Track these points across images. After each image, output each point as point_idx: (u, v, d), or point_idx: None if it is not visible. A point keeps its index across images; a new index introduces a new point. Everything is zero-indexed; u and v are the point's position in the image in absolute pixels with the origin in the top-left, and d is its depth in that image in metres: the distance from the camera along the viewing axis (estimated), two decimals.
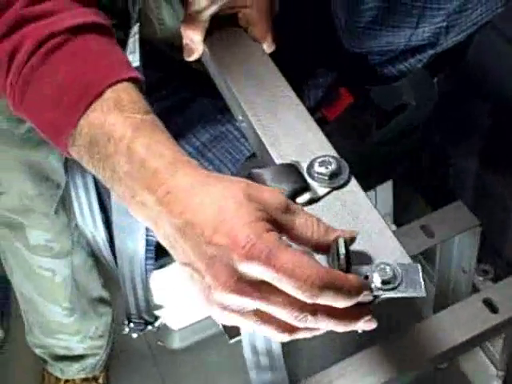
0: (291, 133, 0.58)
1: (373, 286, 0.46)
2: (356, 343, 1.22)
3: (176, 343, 1.23)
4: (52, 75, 0.50)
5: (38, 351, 1.23)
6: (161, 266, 0.98)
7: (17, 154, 0.92)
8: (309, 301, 0.43)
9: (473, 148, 1.10)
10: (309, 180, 0.53)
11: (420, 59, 0.77)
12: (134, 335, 1.03)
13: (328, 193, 0.53)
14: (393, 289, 0.46)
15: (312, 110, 0.82)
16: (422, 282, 0.46)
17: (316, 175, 0.53)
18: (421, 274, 0.46)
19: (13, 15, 0.51)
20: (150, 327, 1.03)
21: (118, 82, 0.50)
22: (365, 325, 0.47)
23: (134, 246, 0.89)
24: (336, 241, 0.46)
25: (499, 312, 0.96)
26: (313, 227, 0.46)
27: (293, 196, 0.52)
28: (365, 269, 0.47)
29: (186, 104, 0.86)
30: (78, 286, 1.13)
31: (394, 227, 1.27)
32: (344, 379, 0.96)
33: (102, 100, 0.49)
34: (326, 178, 0.53)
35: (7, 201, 0.96)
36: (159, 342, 1.22)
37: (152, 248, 0.91)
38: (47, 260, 1.04)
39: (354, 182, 0.54)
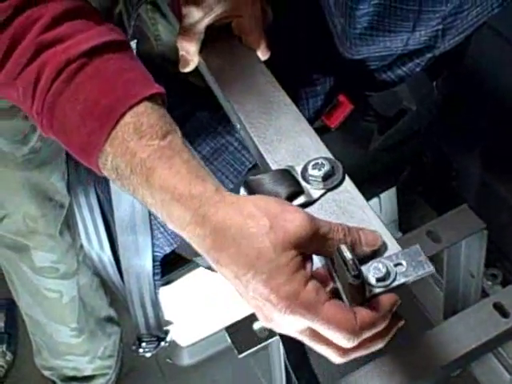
0: (286, 138, 0.59)
1: (368, 284, 0.48)
2: (367, 353, 1.21)
3: (185, 360, 1.22)
4: (73, 101, 0.51)
5: (46, 373, 1.22)
6: (167, 282, 0.97)
7: (19, 176, 0.92)
8: (350, 346, 0.47)
9: (475, 150, 1.09)
10: (303, 183, 0.54)
11: (418, 63, 0.77)
12: (148, 355, 1.03)
13: (323, 194, 0.54)
14: (389, 285, 0.48)
15: (312, 119, 0.82)
16: (427, 260, 0.48)
17: (310, 178, 0.54)
18: (422, 253, 0.48)
19: (31, 43, 0.52)
20: (162, 343, 1.02)
21: (138, 102, 0.51)
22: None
23: (140, 263, 0.88)
24: (338, 248, 0.47)
25: (510, 316, 0.95)
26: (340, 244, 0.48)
27: (289, 200, 0.53)
28: (363, 269, 0.48)
29: (186, 118, 0.86)
30: (85, 305, 1.12)
31: (399, 234, 1.27)
32: None
33: (124, 124, 0.50)
34: (320, 180, 0.54)
35: (11, 223, 0.96)
36: (168, 360, 1.21)
37: (158, 264, 0.91)
38: (54, 281, 1.04)
39: (348, 181, 0.54)
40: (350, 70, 0.79)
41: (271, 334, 0.91)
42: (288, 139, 0.58)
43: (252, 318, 0.95)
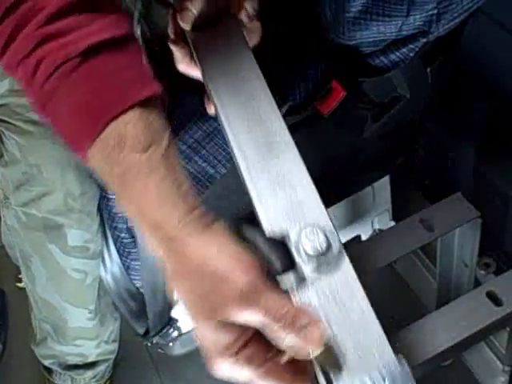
0: (282, 188, 0.54)
1: None
2: None
3: (176, 349, 1.21)
4: (67, 98, 0.52)
5: (46, 362, 1.21)
6: None
7: (68, 152, 0.93)
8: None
9: (470, 138, 1.09)
10: (296, 257, 0.51)
11: (412, 48, 0.76)
12: (175, 333, 1.04)
13: (315, 271, 0.51)
14: None
15: (303, 104, 0.81)
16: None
17: (303, 254, 0.51)
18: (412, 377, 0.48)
19: (31, 34, 0.52)
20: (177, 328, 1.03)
21: (128, 108, 0.51)
22: None
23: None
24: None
25: (503, 305, 0.94)
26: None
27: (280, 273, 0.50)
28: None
29: (178, 102, 0.85)
30: (99, 287, 1.11)
31: (392, 223, 1.26)
32: None
33: (110, 131, 0.51)
34: (314, 256, 0.50)
35: (50, 201, 0.95)
36: (160, 350, 1.21)
37: None
38: (81, 261, 1.02)
39: (346, 261, 0.51)
40: (343, 56, 0.78)
41: None
42: (284, 192, 0.54)
43: None
